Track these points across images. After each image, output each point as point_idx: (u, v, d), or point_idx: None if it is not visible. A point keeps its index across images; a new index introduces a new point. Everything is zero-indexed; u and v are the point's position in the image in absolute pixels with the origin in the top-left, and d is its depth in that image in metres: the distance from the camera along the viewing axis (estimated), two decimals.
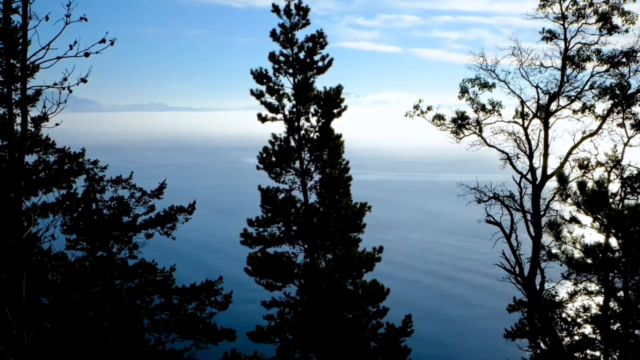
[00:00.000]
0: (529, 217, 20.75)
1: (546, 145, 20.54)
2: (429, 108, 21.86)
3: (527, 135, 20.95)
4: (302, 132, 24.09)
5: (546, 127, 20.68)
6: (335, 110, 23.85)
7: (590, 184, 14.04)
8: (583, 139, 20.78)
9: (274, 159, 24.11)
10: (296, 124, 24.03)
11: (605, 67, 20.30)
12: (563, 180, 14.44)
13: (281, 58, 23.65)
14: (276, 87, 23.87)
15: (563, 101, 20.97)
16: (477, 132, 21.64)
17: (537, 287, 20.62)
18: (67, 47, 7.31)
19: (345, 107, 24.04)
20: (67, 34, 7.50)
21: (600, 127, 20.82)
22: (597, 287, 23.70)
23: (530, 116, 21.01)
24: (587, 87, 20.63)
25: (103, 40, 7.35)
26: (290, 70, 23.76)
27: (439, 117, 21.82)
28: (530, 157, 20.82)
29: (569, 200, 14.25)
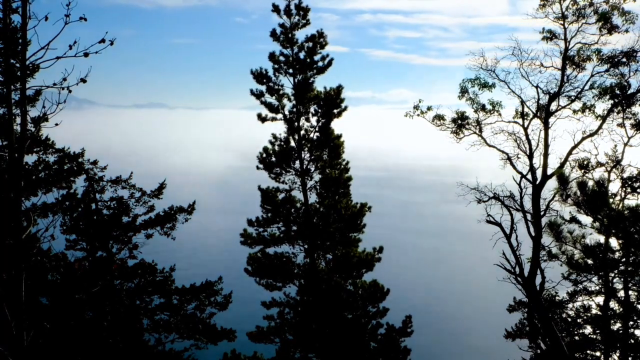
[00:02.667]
0: (529, 217, 20.72)
1: (546, 145, 20.51)
2: (428, 108, 21.84)
3: (527, 135, 20.92)
4: (302, 132, 24.06)
5: (546, 127, 20.66)
6: (335, 111, 23.83)
7: (590, 184, 14.03)
8: (583, 139, 20.75)
9: (273, 159, 24.08)
10: (296, 124, 24.01)
11: (605, 67, 20.29)
12: (563, 180, 14.41)
13: (281, 58, 23.62)
14: (276, 87, 23.83)
15: (563, 101, 20.97)
16: (477, 132, 21.61)
17: (537, 287, 20.59)
18: (67, 47, 7.30)
19: (346, 107, 24.01)
20: (67, 34, 7.50)
21: (600, 127, 20.79)
22: (597, 287, 23.69)
23: (531, 116, 20.99)
24: (587, 87, 20.62)
25: (102, 41, 7.35)
26: (290, 70, 23.72)
27: (439, 117, 21.80)
28: (531, 157, 20.79)
29: (569, 200, 14.23)
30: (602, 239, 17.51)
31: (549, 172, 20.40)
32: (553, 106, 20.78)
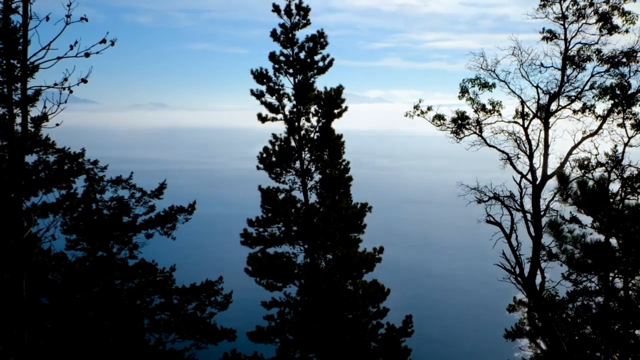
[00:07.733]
0: (529, 217, 20.71)
1: (546, 145, 20.50)
2: (429, 108, 21.82)
3: (527, 135, 20.91)
4: (303, 132, 24.07)
5: (546, 127, 20.65)
6: (335, 111, 23.84)
7: (590, 184, 14.04)
8: (583, 139, 20.74)
9: (274, 159, 24.09)
10: (296, 124, 24.01)
11: (605, 67, 20.27)
12: (563, 180, 14.44)
13: (282, 58, 23.63)
14: (276, 87, 23.83)
15: (563, 101, 20.95)
16: (477, 132, 21.59)
17: (537, 287, 20.60)
18: (68, 47, 7.31)
19: (346, 107, 24.02)
20: (68, 34, 7.51)
21: (600, 127, 20.79)
22: (597, 287, 23.68)
23: (531, 116, 20.98)
24: (587, 87, 20.60)
25: (104, 41, 7.36)
26: (291, 70, 23.73)
27: (439, 117, 21.77)
28: (531, 157, 20.78)
29: (569, 200, 14.25)
30: (602, 238, 17.50)
31: (549, 172, 20.39)
32: (553, 106, 20.77)
